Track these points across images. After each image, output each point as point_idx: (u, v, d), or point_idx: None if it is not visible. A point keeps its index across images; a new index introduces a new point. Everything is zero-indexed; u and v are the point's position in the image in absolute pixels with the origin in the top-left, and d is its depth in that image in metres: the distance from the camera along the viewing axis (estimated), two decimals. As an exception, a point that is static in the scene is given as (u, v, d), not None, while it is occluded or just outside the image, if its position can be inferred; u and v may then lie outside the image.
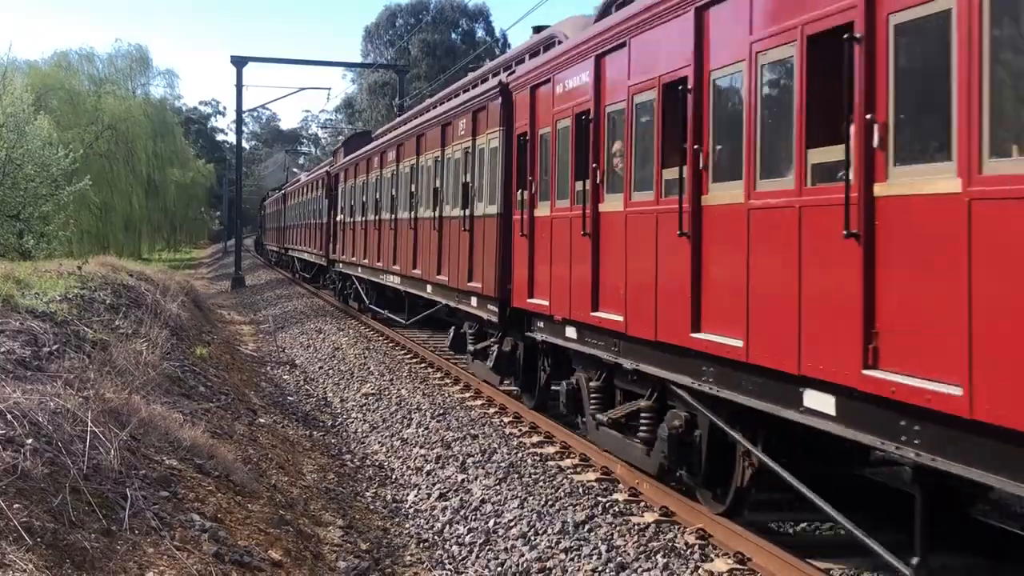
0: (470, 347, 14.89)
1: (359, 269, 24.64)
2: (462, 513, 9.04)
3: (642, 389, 9.10)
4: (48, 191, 32.43)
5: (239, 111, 45.65)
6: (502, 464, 10.21)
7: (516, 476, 9.77)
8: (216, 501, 6.61)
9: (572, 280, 10.28)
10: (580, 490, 9.22)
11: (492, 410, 13.36)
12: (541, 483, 9.51)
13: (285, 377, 17.69)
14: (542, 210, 11.39)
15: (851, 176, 5.85)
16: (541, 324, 11.52)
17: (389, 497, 9.99)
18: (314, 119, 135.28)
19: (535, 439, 11.46)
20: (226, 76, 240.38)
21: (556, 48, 11.74)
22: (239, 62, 43.61)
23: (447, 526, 8.83)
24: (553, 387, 11.74)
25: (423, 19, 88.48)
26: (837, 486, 7.63)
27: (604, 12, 10.42)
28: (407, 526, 9.02)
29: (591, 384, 10.04)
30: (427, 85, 69.76)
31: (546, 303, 11.03)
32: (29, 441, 5.39)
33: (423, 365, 17.73)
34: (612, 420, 9.27)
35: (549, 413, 12.11)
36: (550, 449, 10.96)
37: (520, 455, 10.58)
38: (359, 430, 13.11)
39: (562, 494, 9.10)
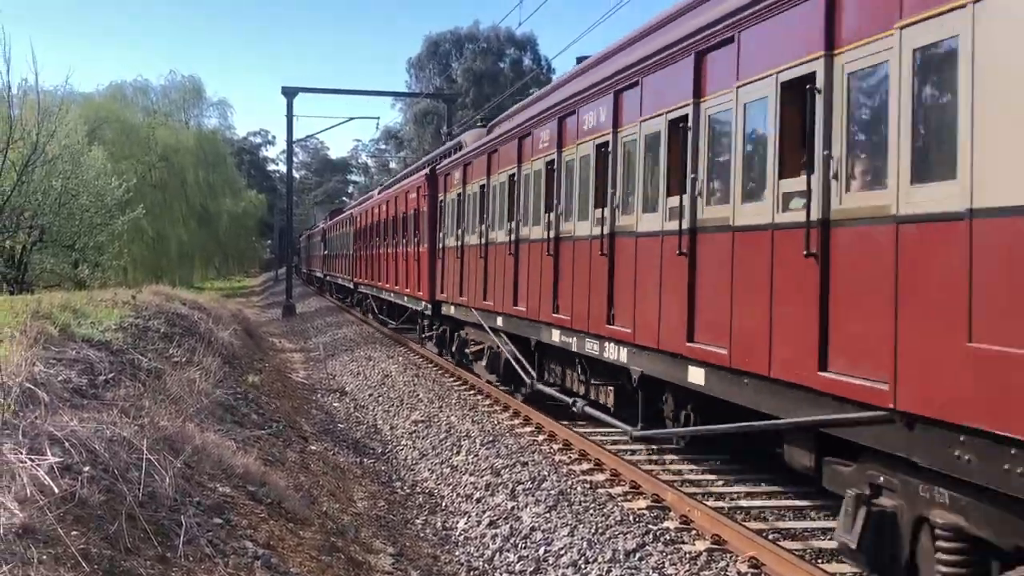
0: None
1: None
2: (512, 541, 9.02)
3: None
4: (102, 221, 32.91)
5: (289, 141, 46.19)
6: (552, 492, 10.18)
7: (566, 504, 9.74)
8: (268, 528, 6.65)
9: (462, 283, 18.69)
10: (631, 518, 9.17)
11: (541, 437, 13.34)
12: (591, 511, 9.47)
13: (335, 404, 17.79)
14: (448, 243, 20.34)
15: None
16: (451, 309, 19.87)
17: (439, 524, 10.00)
18: (364, 148, 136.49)
19: (585, 466, 11.42)
20: (276, 106, 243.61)
21: (462, 150, 20.58)
22: (290, 93, 44.16)
23: (497, 554, 8.82)
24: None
25: (466, 47, 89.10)
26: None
27: (490, 127, 17.88)
28: (457, 554, 9.02)
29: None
30: (473, 113, 70.22)
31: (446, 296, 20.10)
32: (86, 469, 5.47)
33: (472, 392, 17.75)
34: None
35: (595, 440, 12.06)
36: (600, 476, 10.92)
37: (570, 483, 10.54)
38: (409, 457, 13.15)
39: (612, 522, 9.06)
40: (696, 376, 8.91)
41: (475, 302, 17.51)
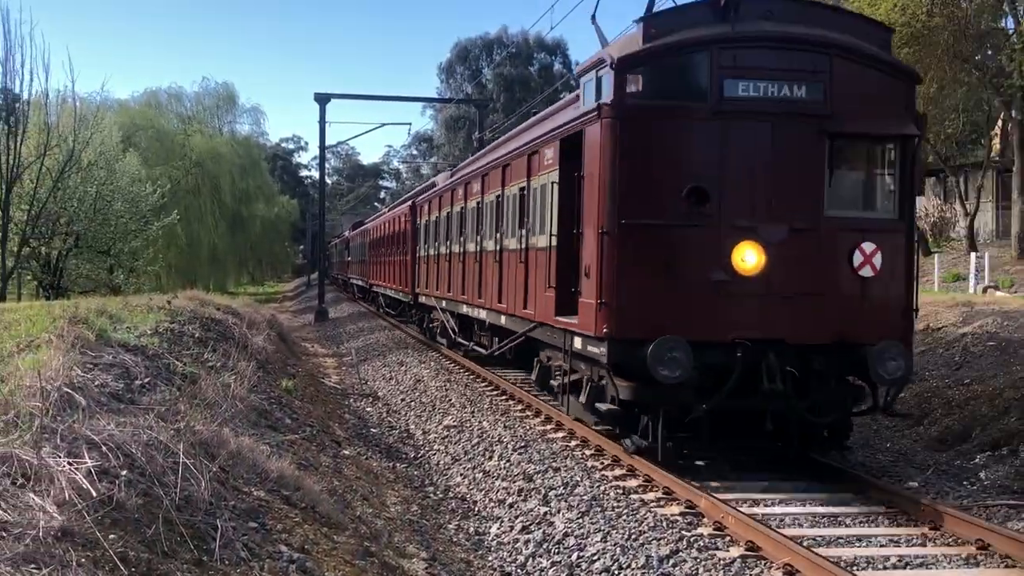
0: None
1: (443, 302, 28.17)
2: (545, 546, 9.02)
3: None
4: (137, 227, 33.22)
5: (322, 147, 46.36)
6: (585, 497, 10.16)
7: (599, 509, 9.72)
8: (303, 532, 6.68)
9: (427, 281, 25.89)
10: (664, 524, 9.14)
11: (574, 443, 13.32)
12: (624, 517, 9.45)
13: (368, 409, 17.84)
14: (420, 254, 27.76)
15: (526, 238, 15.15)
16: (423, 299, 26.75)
17: (472, 530, 10.00)
18: (395, 154, 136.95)
19: (617, 472, 11.39)
20: (308, 113, 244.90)
21: (435, 188, 26.73)
22: (322, 99, 44.30)
23: (530, 559, 8.82)
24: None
25: (496, 53, 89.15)
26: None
27: (454, 172, 23.98)
28: (490, 559, 9.02)
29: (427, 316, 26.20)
30: (504, 118, 70.30)
31: (419, 291, 27.50)
32: (124, 472, 5.52)
33: (504, 398, 17.75)
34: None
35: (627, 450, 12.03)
36: (632, 482, 10.88)
37: (603, 488, 10.52)
38: (441, 462, 13.17)
39: (645, 528, 9.03)
40: (505, 321, 16.68)
41: (433, 292, 25.07)
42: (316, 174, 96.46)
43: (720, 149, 10.85)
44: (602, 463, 11.96)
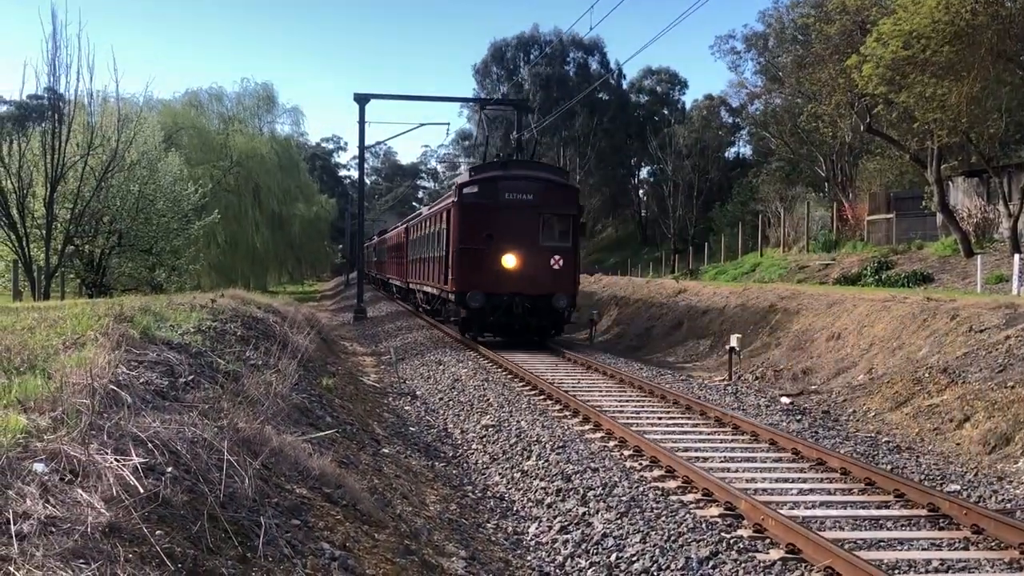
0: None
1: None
2: (584, 547, 9.01)
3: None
4: (179, 226, 33.41)
5: (361, 146, 46.49)
6: (623, 498, 10.15)
7: (638, 510, 9.70)
8: (344, 530, 6.72)
9: (409, 273, 42.22)
10: (703, 525, 9.11)
11: (612, 443, 13.31)
12: (664, 518, 9.43)
13: (406, 408, 17.90)
14: (409, 256, 42.10)
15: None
16: (411, 285, 41.41)
17: (510, 529, 10.02)
18: (433, 154, 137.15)
19: (656, 473, 11.39)
20: (346, 113, 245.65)
21: (417, 216, 42.96)
22: (362, 99, 44.44)
23: (569, 559, 8.82)
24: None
25: (532, 52, 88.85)
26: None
27: (432, 204, 37.16)
28: (529, 558, 9.03)
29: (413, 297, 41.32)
30: (542, 118, 70.18)
31: (408, 280, 43.17)
32: (169, 469, 5.57)
33: (542, 397, 17.76)
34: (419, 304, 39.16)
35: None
36: (671, 483, 10.87)
37: (641, 489, 10.50)
38: (479, 461, 13.19)
39: (685, 529, 9.01)
40: (442, 291, 29.92)
41: (414, 280, 39.66)
42: (355, 174, 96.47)
43: (500, 218, 26.47)
44: (640, 464, 11.95)
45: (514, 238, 26.45)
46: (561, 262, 26.59)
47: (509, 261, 26.39)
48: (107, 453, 5.35)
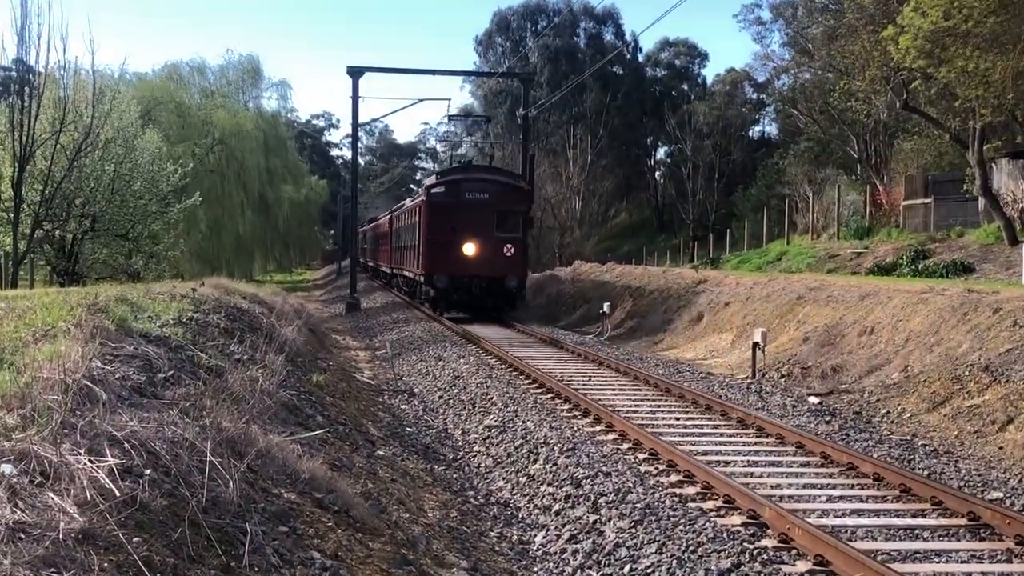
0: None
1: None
2: (595, 557, 9.02)
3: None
4: (157, 209, 33.29)
5: (355, 124, 46.47)
6: (638, 505, 10.16)
7: (653, 518, 9.71)
8: (336, 538, 6.73)
9: (392, 259, 51.17)
10: (724, 535, 9.12)
11: (625, 446, 13.32)
12: (681, 527, 9.43)
13: (403, 407, 17.93)
14: (393, 244, 50.15)
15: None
16: (395, 271, 49.36)
17: (515, 538, 10.03)
18: (432, 132, 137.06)
19: (674, 478, 11.40)
20: (339, 88, 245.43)
21: (400, 208, 48.77)
22: (355, 72, 44.43)
23: (578, 571, 8.83)
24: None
25: (540, 22, 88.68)
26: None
27: (414, 196, 46.55)
28: (535, 570, 9.04)
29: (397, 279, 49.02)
30: (550, 94, 70.07)
31: (392, 265, 52.12)
32: (148, 472, 5.58)
33: (549, 396, 17.78)
34: (401, 287, 47.32)
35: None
36: (690, 489, 10.88)
37: (657, 495, 10.51)
38: (482, 465, 13.21)
39: (704, 539, 9.01)
40: (410, 274, 40.45)
41: (396, 266, 47.62)
42: (348, 153, 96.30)
43: (461, 214, 34.29)
44: (656, 468, 11.96)
45: (473, 230, 34.32)
46: (512, 250, 34.67)
47: (469, 249, 34.37)
48: (80, 454, 5.36)
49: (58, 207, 28.73)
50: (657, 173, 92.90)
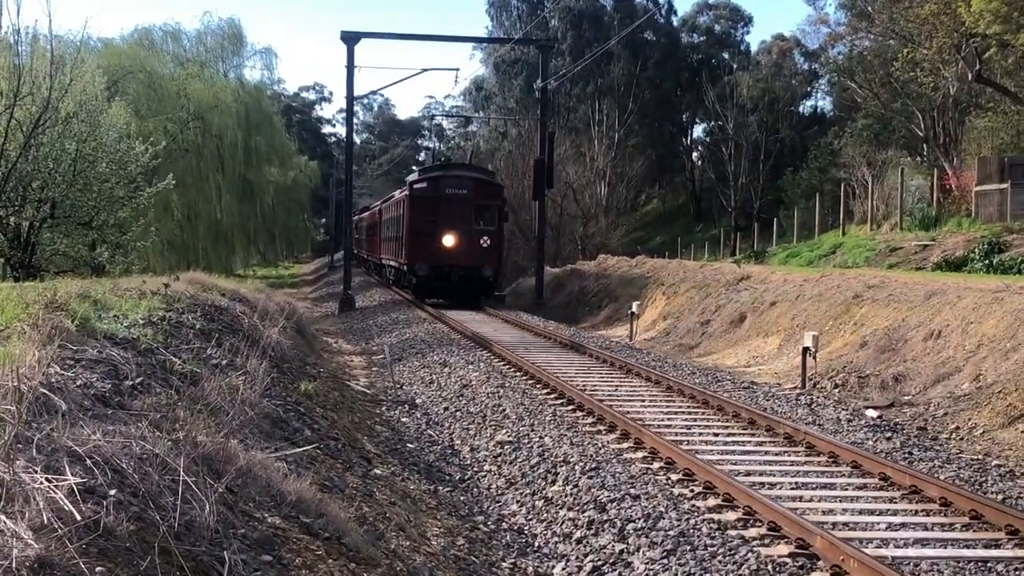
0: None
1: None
2: (621, 592, 9.02)
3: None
4: (125, 193, 33.14)
5: (350, 97, 46.53)
6: (670, 532, 10.16)
7: (688, 548, 9.71)
8: (327, 568, 6.75)
9: (380, 249, 59.70)
10: (770, 567, 9.11)
11: (656, 464, 13.32)
12: (720, 558, 9.43)
13: (404, 420, 17.95)
14: (381, 235, 58.29)
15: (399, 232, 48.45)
16: (382, 260, 57.90)
17: (531, 570, 10.04)
18: (438, 107, 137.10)
19: (711, 502, 11.39)
20: (332, 57, 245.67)
21: (388, 200, 56.79)
22: (350, 38, 44.46)
23: (603, 607, 8.83)
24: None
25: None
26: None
27: (403, 189, 50.10)
28: (553, 606, 9.04)
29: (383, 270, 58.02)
30: (572, 62, 70.05)
31: (379, 255, 60.46)
32: (112, 492, 5.59)
33: (570, 408, 17.78)
34: (387, 276, 56.01)
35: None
36: (730, 515, 10.87)
37: (692, 521, 10.51)
38: (493, 486, 13.21)
39: (746, 572, 9.01)
40: (394, 263, 49.29)
41: (382, 256, 55.98)
42: (342, 131, 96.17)
43: (441, 208, 41.74)
44: (692, 491, 11.95)
45: (452, 223, 41.68)
46: (488, 242, 42.16)
47: (448, 240, 41.65)
48: (37, 471, 5.38)
49: (12, 191, 28.66)
50: (694, 154, 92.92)
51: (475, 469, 14.19)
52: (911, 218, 43.47)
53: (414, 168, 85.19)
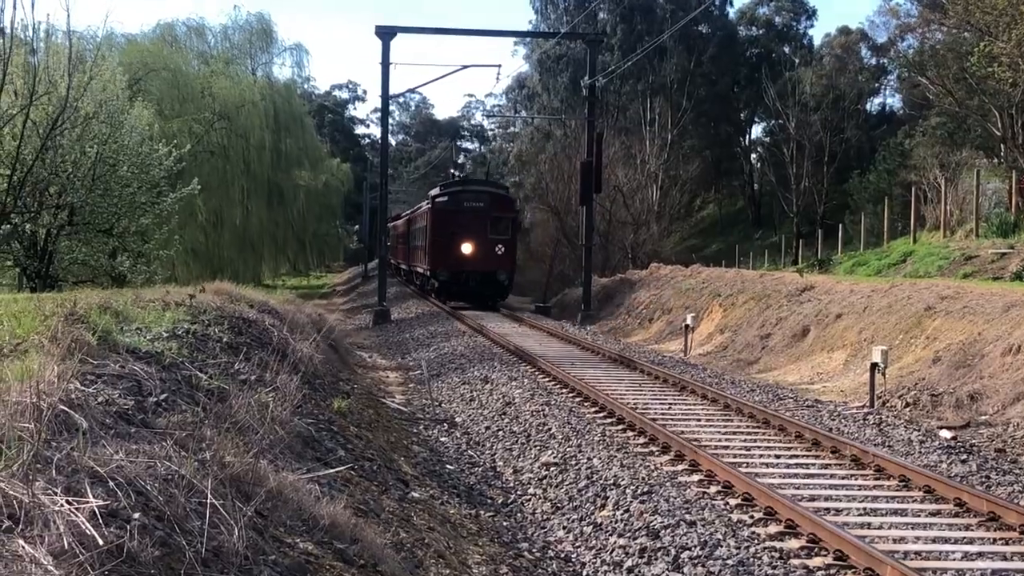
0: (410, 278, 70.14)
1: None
2: (676, 625, 9.00)
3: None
4: (147, 199, 33.23)
5: (385, 96, 46.70)
6: (729, 562, 10.12)
7: (748, 578, 9.67)
8: (362, 598, 6.76)
9: (409, 256, 67.85)
10: (835, 599, 9.06)
11: (713, 488, 13.28)
12: (782, 588, 9.39)
13: (443, 439, 17.98)
14: (410, 244, 66.03)
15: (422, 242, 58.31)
16: (412, 267, 66.67)
17: (579, 600, 10.02)
18: (478, 105, 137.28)
19: (773, 529, 11.34)
20: (367, 53, 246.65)
21: (418, 209, 63.92)
22: (386, 33, 44.60)
23: (656, 641, 8.81)
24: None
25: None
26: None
27: (431, 200, 57.16)
28: (603, 639, 9.02)
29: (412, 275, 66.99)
30: (622, 57, 69.93)
31: (408, 263, 69.27)
32: (136, 515, 5.62)
33: (620, 427, 17.76)
34: (413, 281, 65.99)
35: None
36: (793, 543, 10.82)
37: (752, 550, 10.47)
38: (539, 510, 13.21)
39: (811, 604, 8.96)
40: (424, 269, 56.71)
41: (411, 262, 64.54)
42: (376, 132, 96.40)
43: (461, 219, 49.59)
44: (751, 516, 11.90)
45: (470, 232, 49.44)
46: (503, 249, 49.91)
47: (467, 248, 49.51)
48: (57, 493, 5.41)
49: (28, 196, 28.83)
50: (753, 155, 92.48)
51: (519, 492, 14.20)
52: (988, 224, 43.11)
53: (453, 172, 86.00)
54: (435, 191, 54.89)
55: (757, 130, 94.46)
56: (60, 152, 28.93)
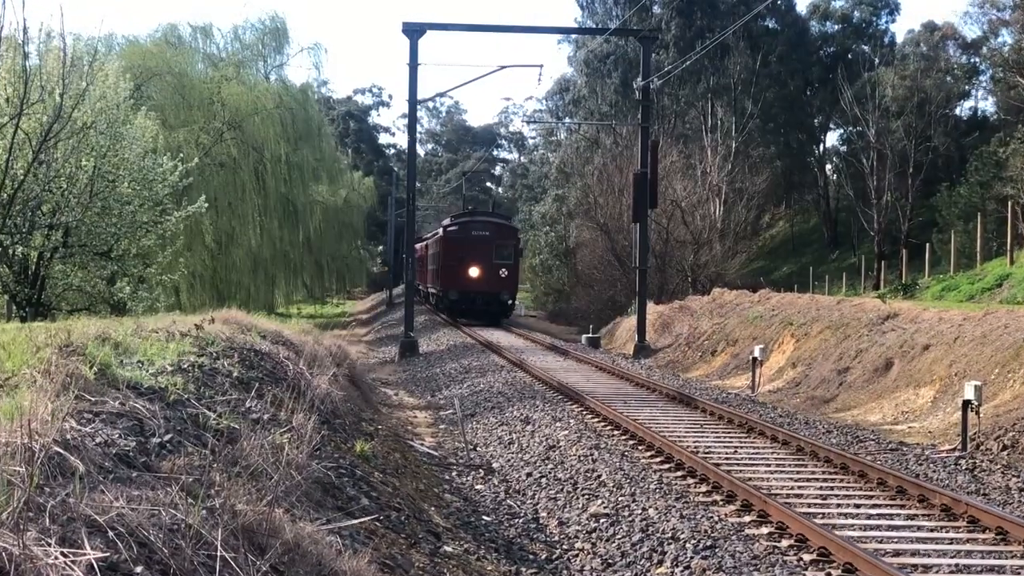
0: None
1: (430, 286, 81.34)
2: None
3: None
4: (150, 218, 33.22)
5: (412, 100, 46.76)
6: (802, 624, 10.09)
7: (824, 643, 9.65)
8: (389, 664, 6.78)
9: (427, 278, 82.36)
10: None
11: (784, 542, 13.24)
12: (862, 654, 9.35)
13: (478, 487, 17.99)
14: (428, 267, 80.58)
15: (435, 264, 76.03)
16: (428, 288, 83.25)
17: (633, 667, 10.01)
18: (518, 110, 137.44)
19: (851, 588, 11.30)
20: (392, 53, 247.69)
21: (436, 236, 77.12)
22: (414, 31, 44.69)
23: None
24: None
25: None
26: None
27: (444, 226, 75.43)
28: None
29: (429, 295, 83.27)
30: (678, 56, 69.93)
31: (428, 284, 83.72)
32: (139, 570, 5.66)
33: (679, 474, 17.73)
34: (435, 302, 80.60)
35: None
36: (875, 603, 10.78)
37: (829, 611, 10.44)
38: (587, 567, 13.20)
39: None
40: (438, 290, 74.00)
41: (427, 285, 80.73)
42: (403, 140, 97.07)
43: (469, 245, 65.12)
44: (827, 573, 11.85)
45: (477, 257, 63.00)
46: (506, 272, 63.95)
47: (474, 272, 63.06)
48: (50, 544, 5.45)
49: (18, 215, 28.92)
50: (828, 167, 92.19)
51: (565, 547, 14.18)
52: (1095, 243, 42.86)
53: (489, 186, 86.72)
54: (447, 221, 72.10)
55: (832, 138, 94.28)
56: (54, 166, 28.91)
